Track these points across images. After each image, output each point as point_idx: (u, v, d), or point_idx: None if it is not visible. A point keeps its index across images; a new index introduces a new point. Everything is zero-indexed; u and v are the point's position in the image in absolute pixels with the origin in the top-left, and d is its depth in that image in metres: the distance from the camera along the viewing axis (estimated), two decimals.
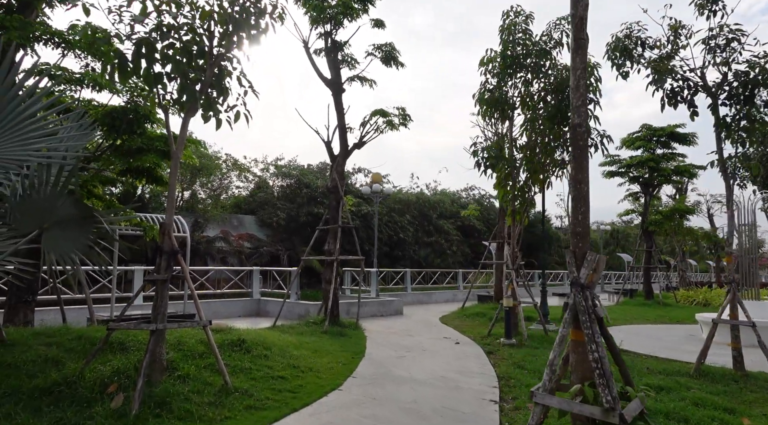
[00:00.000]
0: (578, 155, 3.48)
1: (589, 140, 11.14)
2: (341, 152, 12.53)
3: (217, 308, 14.01)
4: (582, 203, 3.42)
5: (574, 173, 3.46)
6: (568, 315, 3.55)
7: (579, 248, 3.48)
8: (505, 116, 12.08)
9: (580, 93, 3.51)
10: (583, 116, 3.50)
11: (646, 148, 20.27)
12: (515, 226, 11.67)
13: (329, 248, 12.27)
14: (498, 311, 11.65)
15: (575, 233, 3.50)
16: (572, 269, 3.47)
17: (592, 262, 3.40)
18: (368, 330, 12.30)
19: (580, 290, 3.45)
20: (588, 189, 3.44)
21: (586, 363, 3.51)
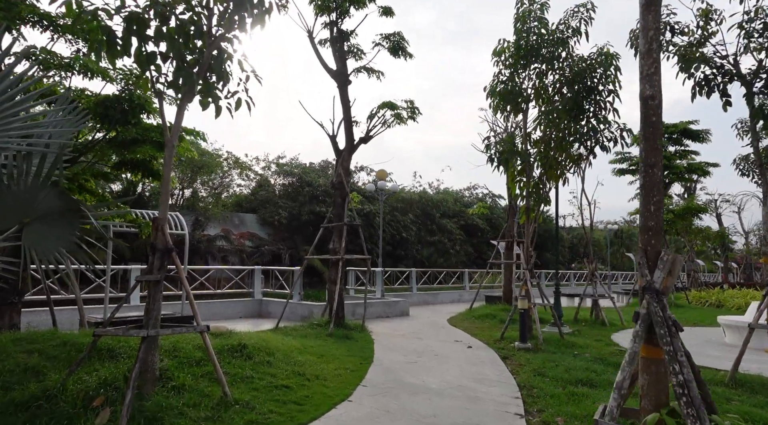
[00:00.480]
0: (650, 134, 2.90)
1: (608, 134, 10.58)
2: (347, 146, 11.96)
3: (217, 309, 13.45)
4: (656, 192, 2.85)
5: (645, 155, 2.89)
6: (640, 327, 2.96)
7: (651, 247, 2.91)
8: (519, 109, 11.49)
9: (653, 59, 2.93)
10: (656, 85, 2.92)
11: None
12: (529, 224, 11.09)
13: (334, 247, 11.70)
14: (511, 313, 11.08)
15: (647, 228, 2.92)
16: (644, 272, 2.89)
17: (668, 263, 2.83)
18: (375, 332, 11.73)
19: (656, 297, 2.87)
20: (661, 175, 2.87)
21: (660, 384, 2.93)
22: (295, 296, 13.90)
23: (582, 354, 9.46)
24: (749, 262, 37.48)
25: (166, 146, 5.50)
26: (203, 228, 32.73)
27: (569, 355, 9.30)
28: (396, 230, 38.70)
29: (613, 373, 7.92)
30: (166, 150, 5.49)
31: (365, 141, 12.07)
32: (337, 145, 12.04)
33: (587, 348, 10.25)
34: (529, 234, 11.16)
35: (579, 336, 11.83)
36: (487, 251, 45.42)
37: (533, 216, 11.19)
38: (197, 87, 5.66)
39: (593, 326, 13.48)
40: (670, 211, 20.42)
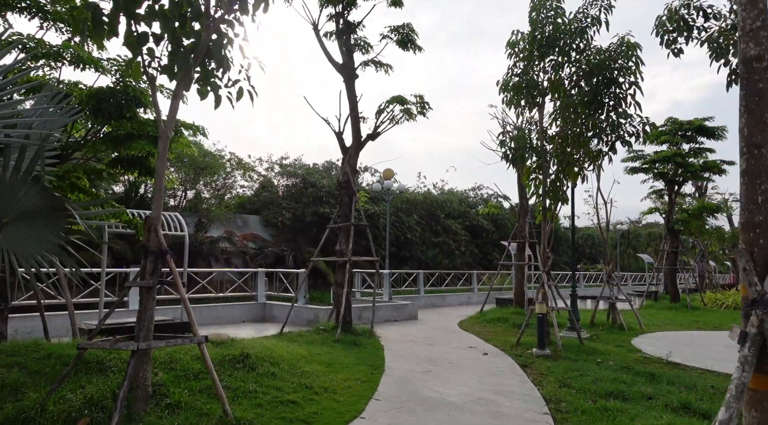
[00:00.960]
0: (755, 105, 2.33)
1: (630, 129, 10.01)
2: (354, 143, 11.41)
3: (220, 312, 12.90)
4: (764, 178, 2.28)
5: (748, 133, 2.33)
6: (750, 352, 2.36)
7: (760, 248, 2.32)
8: (534, 104, 10.92)
9: (758, 9, 2.36)
10: (764, 44, 2.36)
11: (672, 142, 19.07)
12: (546, 223, 10.51)
13: (341, 248, 11.14)
14: (528, 317, 10.49)
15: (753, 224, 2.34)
16: (752, 280, 2.32)
17: None
18: (384, 337, 11.16)
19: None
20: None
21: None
22: (300, 300, 13.34)
23: (605, 361, 8.88)
24: None
25: (159, 138, 4.95)
26: (206, 230, 32.22)
27: (592, 363, 8.72)
28: (400, 231, 38.13)
29: (644, 384, 7.35)
30: (159, 142, 4.95)
31: (373, 138, 11.51)
32: (343, 142, 11.50)
33: (609, 354, 9.66)
34: (546, 234, 10.57)
35: (598, 342, 11.24)
36: (492, 253, 44.80)
37: (550, 215, 10.61)
38: (194, 73, 5.11)
39: (611, 330, 12.88)
40: (684, 210, 19.81)
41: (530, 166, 10.78)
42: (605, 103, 10.18)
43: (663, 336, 12.44)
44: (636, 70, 9.89)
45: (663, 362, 9.15)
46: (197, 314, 12.37)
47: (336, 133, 11.44)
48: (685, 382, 7.40)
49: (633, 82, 9.90)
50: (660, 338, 12.17)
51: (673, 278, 19.84)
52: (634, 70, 9.90)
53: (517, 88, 10.83)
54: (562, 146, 10.57)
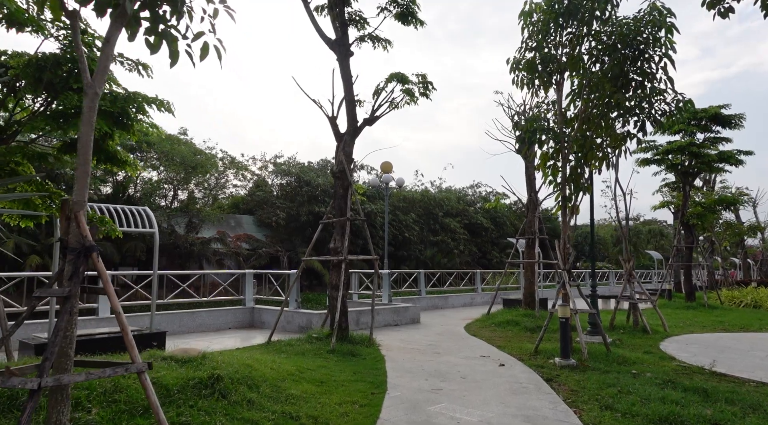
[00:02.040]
0: None
1: (663, 107, 8.73)
2: (349, 129, 10.10)
3: (203, 319, 11.56)
4: None
5: None
6: None
7: None
8: (549, 83, 9.64)
9: None
10: None
11: (687, 132, 17.85)
12: (566, 216, 9.23)
13: (335, 245, 9.83)
14: (547, 321, 9.20)
15: None
16: None
17: None
18: (384, 345, 9.86)
19: None
20: None
21: None
22: (291, 304, 12.02)
23: (642, 373, 7.59)
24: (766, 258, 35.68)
25: (85, 94, 3.63)
26: (197, 230, 30.82)
27: (626, 375, 7.43)
28: (398, 230, 36.81)
29: (700, 404, 6.05)
30: (85, 100, 3.63)
31: (370, 122, 10.21)
32: (337, 128, 10.19)
33: (642, 363, 8.38)
34: (566, 227, 9.30)
35: (623, 347, 9.97)
36: (492, 251, 43.54)
37: (571, 207, 9.32)
38: (132, 10, 3.79)
39: (633, 333, 11.61)
40: (698, 204, 18.58)
41: (547, 152, 9.50)
42: (632, 79, 8.92)
43: (692, 340, 11.18)
44: (668, 41, 8.62)
45: (706, 372, 7.88)
46: (177, 321, 11.03)
47: (329, 117, 10.13)
48: (746, 400, 6.13)
49: (664, 55, 8.63)
50: (689, 342, 10.90)
51: (688, 275, 18.62)
52: (665, 41, 8.64)
53: (530, 66, 9.56)
54: (583, 129, 9.31)
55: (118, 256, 26.98)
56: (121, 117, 6.46)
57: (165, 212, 29.36)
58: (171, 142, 29.88)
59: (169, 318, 10.95)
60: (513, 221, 44.61)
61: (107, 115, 6.39)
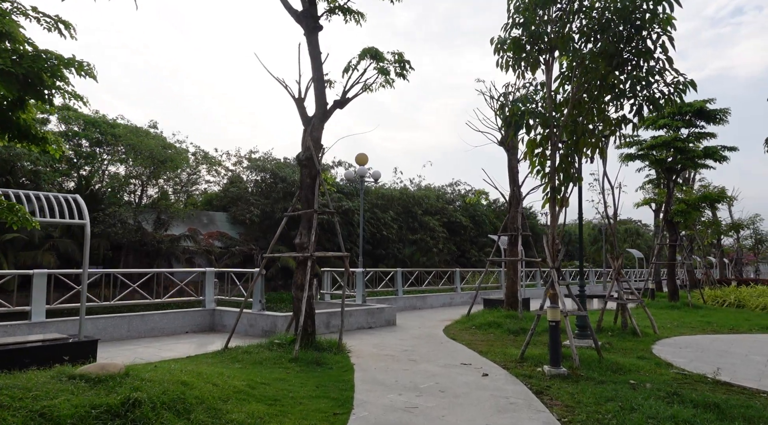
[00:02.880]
0: None
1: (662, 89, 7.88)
2: (318, 111, 9.04)
3: (155, 322, 10.36)
4: None
5: None
6: None
7: None
8: (537, 63, 8.73)
9: None
10: None
11: (671, 126, 17.22)
12: (555, 208, 8.33)
13: (301, 241, 8.77)
14: (534, 324, 8.28)
15: None
16: None
17: None
18: (355, 351, 8.83)
19: None
20: None
21: None
22: (255, 305, 10.90)
23: (640, 383, 6.72)
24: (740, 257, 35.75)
25: None
26: (166, 227, 29.29)
27: (624, 386, 6.56)
28: (376, 228, 35.80)
29: (716, 423, 5.20)
30: None
31: (341, 105, 9.16)
32: (304, 110, 9.12)
33: (639, 371, 7.52)
34: (555, 221, 8.39)
35: (613, 352, 9.13)
36: (471, 250, 42.84)
37: (560, 199, 8.41)
38: None
39: (622, 336, 10.80)
40: (682, 201, 18.00)
41: (534, 139, 8.58)
42: (628, 59, 8.05)
43: (684, 343, 10.41)
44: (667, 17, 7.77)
45: (709, 381, 7.05)
46: (124, 326, 9.83)
47: (296, 99, 9.06)
48: (764, 416, 5.29)
49: (663, 31, 7.78)
50: (682, 345, 10.13)
51: (672, 274, 18.02)
52: (664, 17, 7.78)
53: (517, 44, 8.63)
54: (573, 114, 8.42)
55: (79, 254, 25.38)
56: (31, 81, 5.28)
57: (131, 208, 27.79)
58: (137, 134, 28.32)
59: (115, 323, 9.73)
60: (492, 219, 44.01)
61: (12, 78, 5.21)
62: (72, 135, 29.80)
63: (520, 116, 7.93)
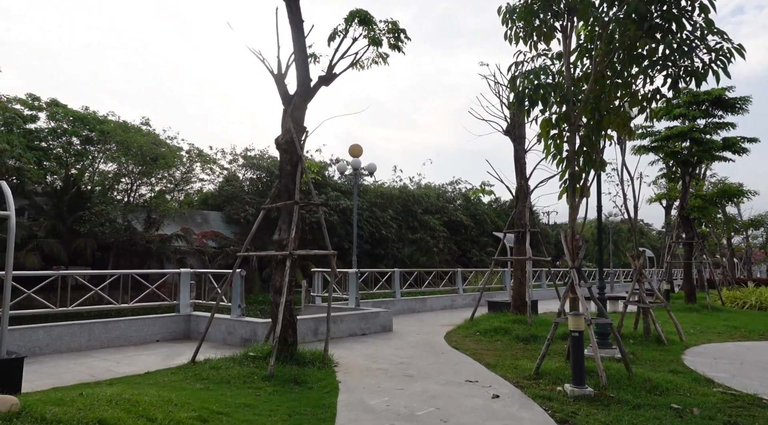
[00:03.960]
0: None
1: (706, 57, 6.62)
2: (299, 89, 7.80)
3: (121, 330, 9.10)
4: None
5: None
6: None
7: None
8: (552, 33, 7.49)
9: None
10: None
11: (688, 116, 15.96)
12: (575, 198, 7.07)
13: (280, 237, 7.52)
14: (551, 334, 7.02)
15: None
16: None
17: None
18: (343, 365, 7.57)
19: None
20: None
21: None
22: (233, 310, 9.65)
23: (686, 407, 5.47)
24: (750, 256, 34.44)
25: None
26: (157, 227, 28.03)
27: (665, 411, 5.31)
28: (375, 227, 34.50)
29: None
30: None
31: (327, 81, 7.91)
32: (285, 88, 7.87)
33: (678, 390, 6.25)
34: (576, 213, 7.13)
35: (640, 363, 7.88)
36: (471, 249, 41.47)
37: (579, 190, 7.15)
38: None
39: (646, 343, 9.54)
40: (699, 197, 16.72)
41: (549, 118, 7.33)
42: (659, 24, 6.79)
43: (717, 352, 9.14)
44: None
45: (765, 404, 5.80)
46: (84, 334, 8.57)
47: (274, 75, 7.81)
48: None
49: None
50: (715, 355, 8.86)
51: (689, 274, 16.74)
52: None
53: (529, 11, 7.38)
54: (596, 90, 7.16)
55: (65, 254, 24.14)
56: None
57: (119, 207, 26.55)
58: (126, 130, 27.09)
59: (73, 331, 8.48)
60: (493, 218, 42.71)
61: None
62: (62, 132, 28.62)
63: (535, 89, 6.67)
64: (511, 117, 12.71)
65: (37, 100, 28.52)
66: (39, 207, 24.66)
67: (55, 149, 28.24)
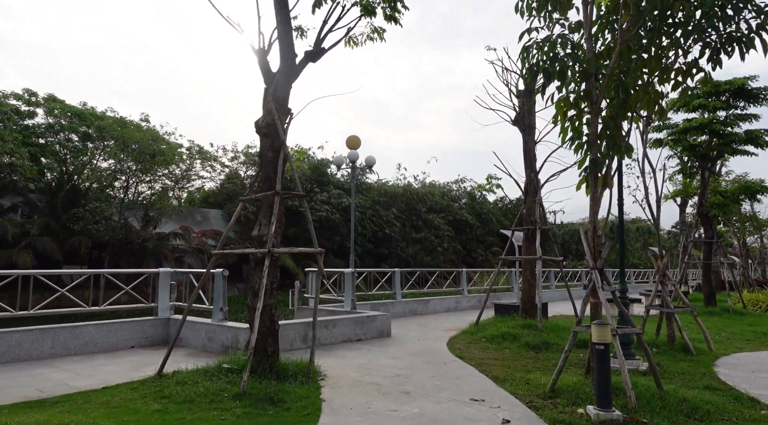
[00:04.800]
0: None
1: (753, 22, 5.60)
2: (283, 66, 6.85)
3: (91, 335, 8.19)
4: None
5: None
6: None
7: None
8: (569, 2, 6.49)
9: None
10: None
11: (708, 108, 14.88)
12: (597, 189, 6.07)
13: (260, 232, 6.57)
14: (569, 345, 6.03)
15: None
16: None
17: None
18: (331, 378, 6.61)
19: None
20: None
21: None
22: (215, 314, 8.71)
23: None
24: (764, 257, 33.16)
25: None
26: (155, 225, 27.19)
27: None
28: (378, 226, 33.51)
29: None
30: None
31: (314, 57, 6.96)
32: (267, 65, 6.92)
33: (721, 413, 5.23)
34: (598, 206, 6.12)
35: (669, 377, 6.87)
36: (477, 249, 40.35)
37: (602, 177, 6.15)
38: None
39: (671, 353, 8.52)
40: (718, 193, 15.66)
41: (566, 97, 6.33)
42: None
43: (752, 363, 8.10)
44: None
45: None
46: (48, 340, 7.64)
47: (256, 50, 6.86)
48: None
49: None
50: (752, 366, 7.82)
51: (708, 275, 15.67)
52: None
53: None
54: (620, 64, 6.16)
55: (60, 253, 23.33)
56: None
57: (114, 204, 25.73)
58: (124, 126, 26.27)
59: (34, 337, 7.57)
60: (499, 217, 41.63)
61: None
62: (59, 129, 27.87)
63: (552, 60, 5.67)
64: (519, 106, 11.72)
65: (34, 95, 27.78)
66: (33, 204, 23.87)
67: (53, 146, 27.48)
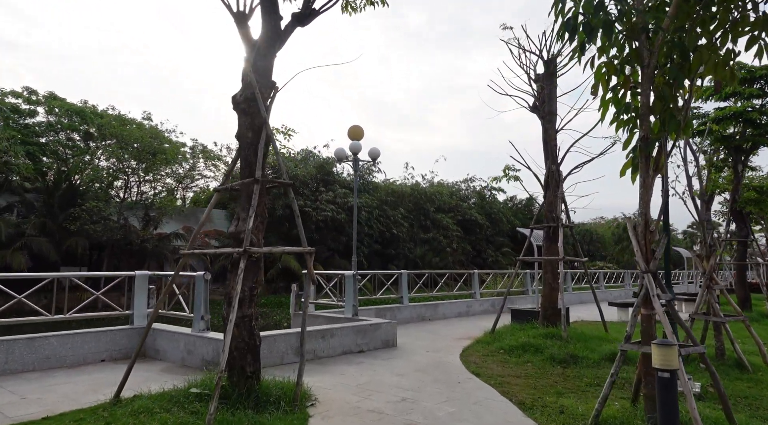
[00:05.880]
0: None
1: None
2: (265, 30, 5.71)
3: (53, 348, 7.10)
4: None
5: None
6: None
7: None
8: None
9: None
10: None
11: (743, 95, 13.58)
12: (649, 173, 4.84)
13: (237, 228, 5.42)
14: (616, 366, 4.81)
15: None
16: None
17: None
18: (323, 403, 5.44)
19: None
20: None
21: None
22: (195, 323, 7.58)
23: None
24: None
25: None
26: (156, 225, 26.23)
27: None
28: (385, 226, 32.32)
29: None
30: None
31: (302, 21, 5.82)
32: (247, 31, 5.78)
33: None
34: (650, 196, 4.90)
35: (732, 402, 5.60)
36: (486, 250, 39.01)
37: (654, 160, 4.93)
38: None
39: (723, 369, 7.25)
40: (752, 189, 14.33)
41: (610, 62, 5.11)
42: None
43: None
44: None
45: None
46: (1, 355, 6.58)
47: (234, 14, 5.72)
48: None
49: None
50: None
51: (742, 277, 14.34)
52: None
53: None
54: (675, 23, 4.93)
55: (56, 254, 22.41)
56: None
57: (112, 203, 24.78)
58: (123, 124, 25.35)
59: None
60: (509, 217, 40.30)
61: None
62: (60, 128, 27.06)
63: (597, 8, 4.45)
64: (539, 91, 10.50)
65: (34, 93, 27.00)
66: (30, 204, 22.97)
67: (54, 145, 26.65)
